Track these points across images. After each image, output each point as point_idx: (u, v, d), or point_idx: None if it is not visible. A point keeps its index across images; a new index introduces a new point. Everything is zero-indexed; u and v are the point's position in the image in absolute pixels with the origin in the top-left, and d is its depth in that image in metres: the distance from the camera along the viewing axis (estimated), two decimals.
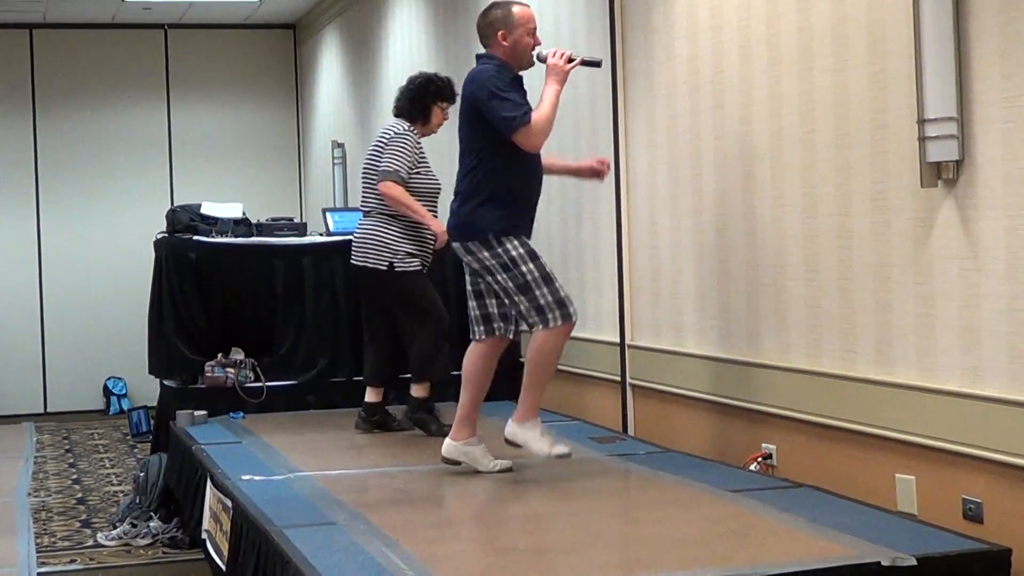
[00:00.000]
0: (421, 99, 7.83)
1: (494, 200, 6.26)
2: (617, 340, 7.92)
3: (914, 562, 4.50)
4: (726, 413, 6.85)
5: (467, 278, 6.46)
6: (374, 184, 7.73)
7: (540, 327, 6.22)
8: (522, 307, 6.24)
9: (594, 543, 5.12)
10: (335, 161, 14.33)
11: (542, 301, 6.20)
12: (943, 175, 5.13)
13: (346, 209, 11.14)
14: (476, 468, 6.38)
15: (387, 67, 12.62)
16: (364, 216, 7.89)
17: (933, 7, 5.07)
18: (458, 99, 6.69)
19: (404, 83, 8.00)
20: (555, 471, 6.30)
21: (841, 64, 5.77)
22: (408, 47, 11.85)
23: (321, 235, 9.72)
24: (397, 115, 7.89)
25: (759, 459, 6.44)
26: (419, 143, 7.77)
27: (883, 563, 4.50)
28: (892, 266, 5.50)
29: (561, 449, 6.31)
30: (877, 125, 5.54)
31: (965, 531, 5.00)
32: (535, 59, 6.35)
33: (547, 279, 6.23)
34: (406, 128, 7.75)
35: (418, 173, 7.70)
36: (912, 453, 5.43)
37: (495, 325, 6.45)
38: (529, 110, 6.17)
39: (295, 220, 10.12)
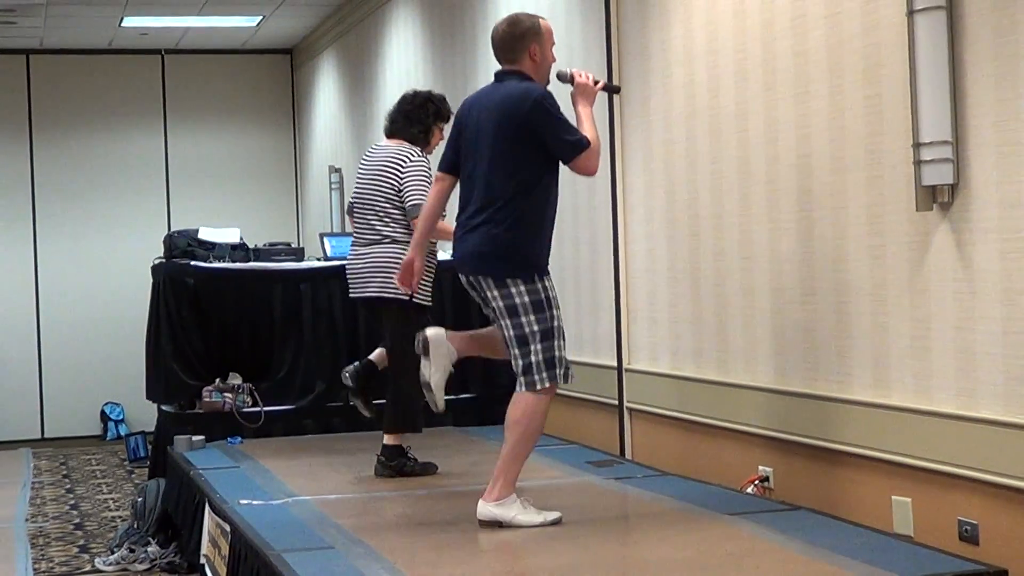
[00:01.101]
0: (422, 120, 7.44)
1: (539, 231, 5.82)
2: (614, 364, 7.93)
3: None
4: (723, 436, 6.86)
5: (555, 311, 5.82)
6: (388, 211, 7.30)
7: (543, 384, 5.72)
8: (531, 358, 5.72)
9: (592, 567, 5.13)
10: (332, 186, 14.33)
11: (557, 354, 5.76)
12: (938, 199, 5.16)
13: (343, 234, 11.13)
14: (519, 525, 5.75)
15: (384, 92, 12.64)
16: (368, 244, 7.39)
17: (928, 32, 5.10)
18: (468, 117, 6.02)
19: (397, 102, 7.59)
20: (553, 495, 6.29)
21: (837, 89, 5.79)
22: (405, 71, 11.88)
23: (319, 260, 9.73)
24: (392, 136, 7.48)
25: (756, 482, 6.45)
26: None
27: None
28: (888, 289, 5.52)
29: (554, 515, 5.80)
30: (872, 149, 5.56)
31: (961, 553, 5.02)
32: (557, 78, 5.97)
33: (562, 332, 5.83)
34: (419, 153, 7.35)
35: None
36: (908, 475, 5.44)
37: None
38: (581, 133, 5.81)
39: (292, 245, 10.14)
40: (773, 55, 6.27)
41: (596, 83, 5.98)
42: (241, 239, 9.77)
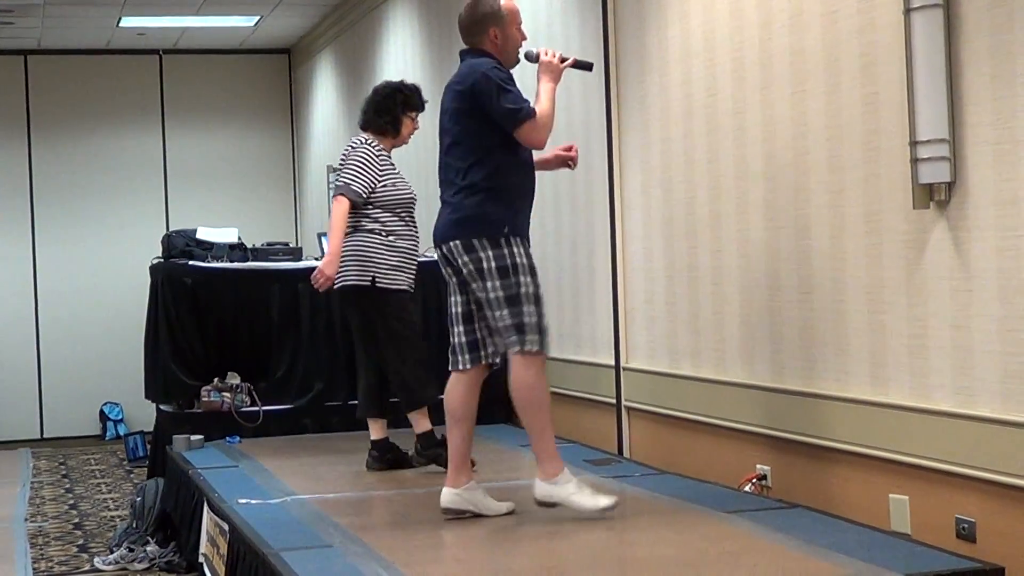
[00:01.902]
0: (390, 110, 7.54)
1: (502, 196, 5.85)
2: (612, 363, 7.94)
3: None
4: (721, 434, 6.86)
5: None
6: None
7: (516, 348, 5.76)
8: (501, 323, 5.77)
9: (589, 565, 5.13)
10: (330, 186, 14.34)
11: (526, 320, 5.76)
12: (935, 196, 5.16)
13: None
14: (481, 514, 5.91)
15: None
16: (345, 236, 7.48)
17: (924, 30, 5.10)
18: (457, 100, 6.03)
19: (370, 94, 7.72)
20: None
21: (834, 87, 5.80)
22: (403, 71, 11.87)
23: (317, 259, 9.72)
24: (365, 128, 7.59)
25: (753, 480, 6.46)
26: (382, 154, 7.43)
27: None
28: (885, 287, 5.53)
29: (607, 501, 5.76)
30: (869, 147, 5.56)
31: (958, 550, 5.02)
32: (524, 58, 6.09)
33: (539, 299, 5.83)
34: (364, 141, 7.46)
35: (385, 185, 7.37)
36: (906, 473, 5.45)
37: (482, 352, 5.94)
38: (531, 104, 5.87)
39: (290, 245, 10.15)
40: (770, 53, 6.27)
41: (563, 61, 6.04)
42: (239, 239, 9.78)
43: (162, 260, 9.53)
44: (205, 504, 6.97)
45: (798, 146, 6.07)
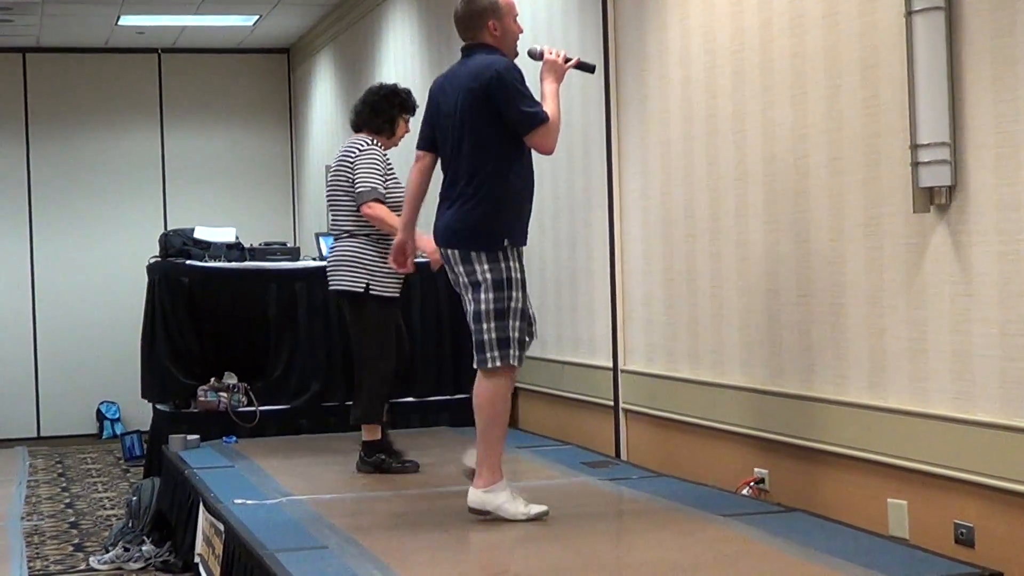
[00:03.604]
0: (387, 111, 7.59)
1: (506, 204, 5.83)
2: (610, 365, 7.92)
3: None
4: (718, 438, 6.85)
5: (515, 293, 5.83)
6: (345, 205, 7.51)
7: (497, 364, 5.76)
8: (484, 336, 5.76)
9: (587, 568, 5.12)
10: (329, 187, 14.28)
11: (511, 334, 5.77)
12: (936, 200, 5.15)
13: None
14: (505, 517, 5.82)
15: None
16: (336, 239, 7.63)
17: (926, 33, 5.09)
18: (455, 99, 5.97)
19: (364, 94, 7.74)
20: (548, 496, 6.28)
21: (834, 90, 5.78)
22: (402, 71, 11.86)
23: (314, 260, 9.74)
24: (358, 129, 7.62)
25: (751, 484, 6.44)
26: (386, 156, 7.52)
27: None
28: (884, 291, 5.51)
29: (538, 509, 5.84)
30: (870, 150, 5.55)
31: (957, 556, 5.01)
32: (528, 55, 6.05)
33: (524, 314, 5.85)
34: (371, 142, 7.49)
35: (389, 189, 7.42)
36: (904, 478, 5.43)
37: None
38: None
39: (288, 245, 10.14)
40: (771, 56, 6.26)
41: (567, 60, 6.02)
42: (237, 238, 9.77)
43: (159, 259, 9.52)
44: (201, 504, 6.96)
45: (798, 149, 6.06)
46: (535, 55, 6.05)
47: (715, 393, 6.83)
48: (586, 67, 6.23)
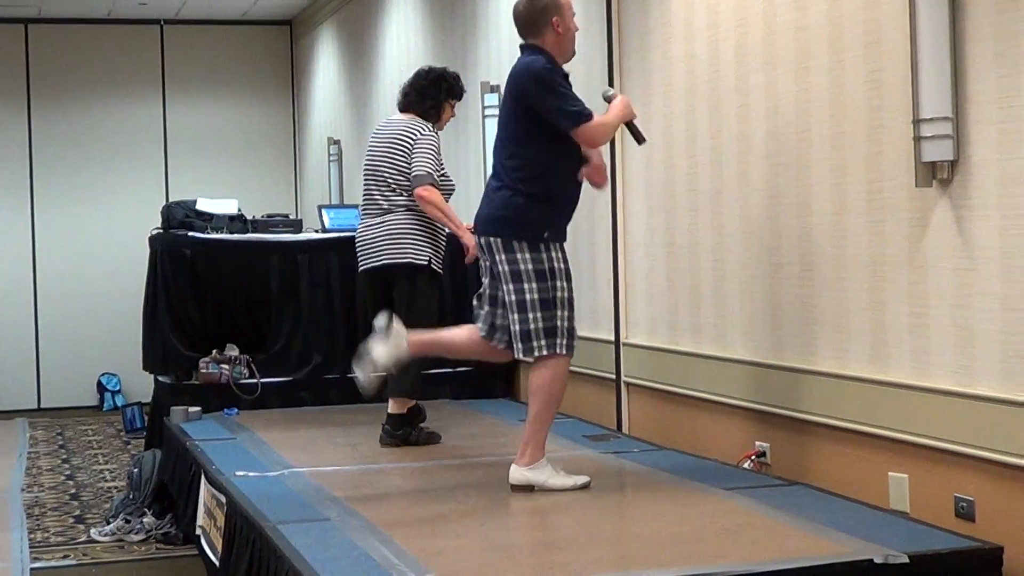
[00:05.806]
0: (435, 95, 7.58)
1: (547, 201, 5.92)
2: (612, 338, 7.93)
3: (907, 559, 4.52)
4: (720, 411, 6.85)
5: (560, 283, 5.92)
6: (397, 182, 7.43)
7: (543, 352, 5.85)
8: (529, 325, 5.85)
9: (588, 540, 5.13)
10: (331, 158, 14.32)
11: (559, 323, 5.86)
12: (938, 175, 5.14)
13: (342, 206, 11.16)
14: (551, 488, 5.92)
15: (384, 64, 12.62)
16: (379, 215, 7.49)
17: (929, 7, 5.07)
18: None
19: (412, 77, 7.71)
20: None
21: (837, 64, 5.77)
22: (405, 44, 11.85)
23: (316, 232, 9.74)
24: (405, 110, 7.61)
25: (753, 457, 6.45)
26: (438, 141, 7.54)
27: (876, 560, 4.52)
28: (886, 265, 5.51)
29: (583, 479, 5.96)
30: (873, 125, 5.54)
31: (957, 529, 5.02)
32: (603, 98, 6.09)
33: (571, 304, 5.94)
34: (429, 128, 7.49)
35: (441, 175, 7.47)
36: (905, 451, 5.44)
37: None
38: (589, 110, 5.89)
39: (290, 217, 10.14)
40: (773, 30, 6.25)
41: (633, 116, 6.07)
42: (239, 210, 9.77)
43: (161, 231, 9.52)
44: (202, 476, 6.96)
45: (800, 123, 6.05)
46: (609, 99, 6.07)
47: (717, 366, 6.84)
48: (638, 135, 6.17)
